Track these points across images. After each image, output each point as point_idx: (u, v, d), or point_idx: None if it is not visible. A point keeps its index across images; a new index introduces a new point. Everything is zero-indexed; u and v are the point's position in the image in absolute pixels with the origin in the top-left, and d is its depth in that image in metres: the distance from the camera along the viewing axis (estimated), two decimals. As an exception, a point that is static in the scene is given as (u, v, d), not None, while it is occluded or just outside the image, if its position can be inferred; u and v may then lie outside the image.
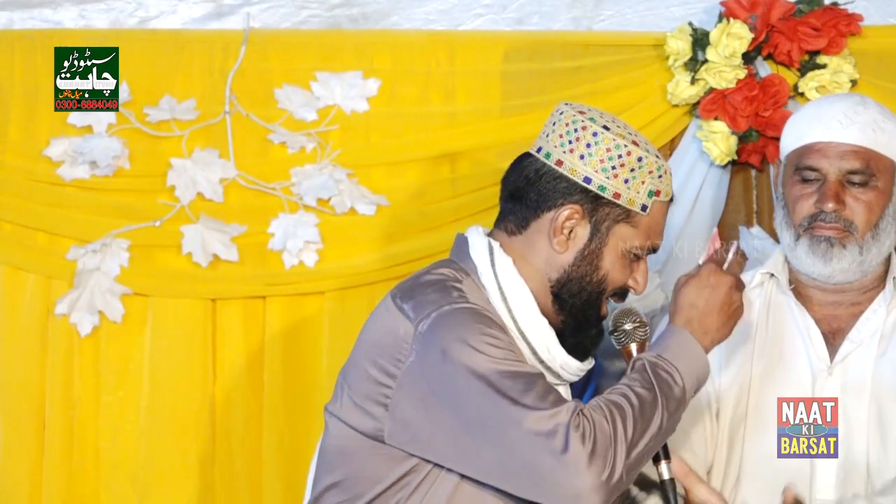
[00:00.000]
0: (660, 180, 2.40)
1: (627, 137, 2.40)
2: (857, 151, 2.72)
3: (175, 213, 3.30)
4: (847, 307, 2.79)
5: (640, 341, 2.43)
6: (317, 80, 3.35)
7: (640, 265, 2.44)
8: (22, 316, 3.30)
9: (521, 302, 2.39)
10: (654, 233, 2.43)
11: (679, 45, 3.34)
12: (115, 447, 3.28)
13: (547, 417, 2.20)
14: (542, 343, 2.40)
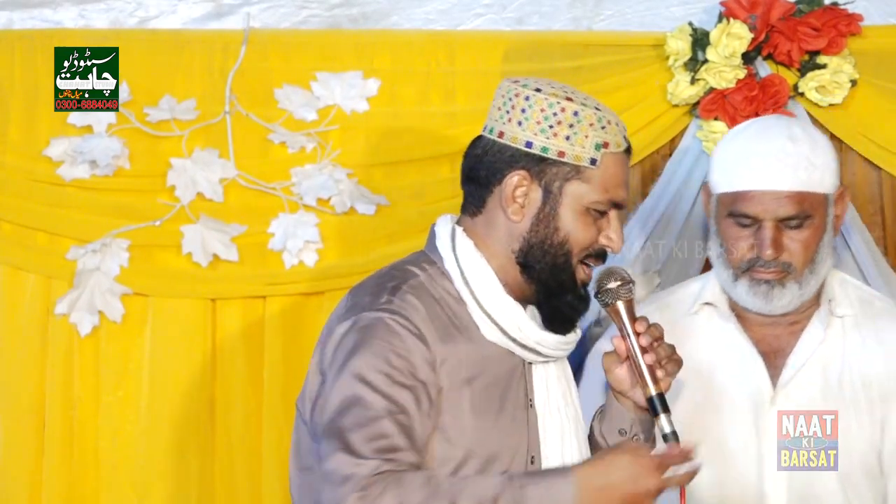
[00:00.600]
0: (604, 131, 2.38)
1: (560, 94, 2.39)
2: (791, 196, 2.73)
3: (175, 212, 3.30)
4: (786, 327, 2.83)
5: (626, 299, 2.40)
6: (317, 80, 3.35)
7: (608, 222, 2.41)
8: (22, 316, 3.29)
9: (484, 283, 2.39)
10: (611, 185, 2.39)
11: (679, 45, 3.33)
12: (115, 447, 3.28)
13: (350, 463, 2.23)
14: (512, 322, 2.39)
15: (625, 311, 2.40)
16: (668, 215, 3.37)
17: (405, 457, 2.25)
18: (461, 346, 2.36)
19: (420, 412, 2.29)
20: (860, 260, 3.33)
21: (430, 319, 2.35)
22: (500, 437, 2.37)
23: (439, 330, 2.35)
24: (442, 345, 2.34)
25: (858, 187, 3.39)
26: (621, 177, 2.41)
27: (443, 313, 2.38)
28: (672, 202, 3.37)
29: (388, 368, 2.29)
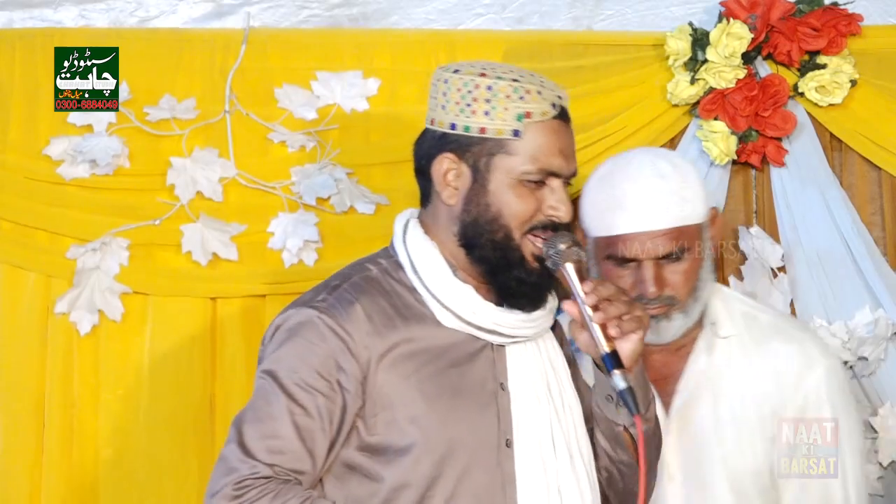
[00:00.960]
0: (523, 101, 2.37)
1: (475, 72, 2.39)
2: (666, 234, 2.73)
3: (175, 211, 3.29)
4: (673, 353, 2.85)
5: (574, 261, 2.36)
6: (317, 80, 3.35)
7: (550, 192, 2.39)
8: (22, 315, 3.28)
9: (432, 270, 2.40)
10: (542, 154, 2.37)
11: (679, 45, 3.33)
12: (115, 446, 3.27)
13: (238, 458, 2.29)
14: (464, 306, 2.39)
15: (573, 273, 2.35)
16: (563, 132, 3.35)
17: (290, 462, 2.31)
18: (409, 336, 2.37)
19: (325, 416, 2.32)
20: (859, 260, 3.33)
21: (370, 315, 2.36)
22: (460, 421, 2.36)
23: (382, 324, 2.36)
24: (381, 338, 2.35)
25: (858, 187, 3.40)
26: (554, 144, 2.38)
27: (390, 306, 2.39)
28: (672, 202, 3.36)
29: (300, 369, 2.34)
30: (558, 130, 2.40)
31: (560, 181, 2.39)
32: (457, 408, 2.37)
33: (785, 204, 3.38)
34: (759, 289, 3.34)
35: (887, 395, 3.33)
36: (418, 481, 2.34)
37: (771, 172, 3.39)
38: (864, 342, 3.30)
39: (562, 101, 2.41)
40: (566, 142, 2.41)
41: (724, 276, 3.38)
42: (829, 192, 3.35)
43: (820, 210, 3.36)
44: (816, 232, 3.36)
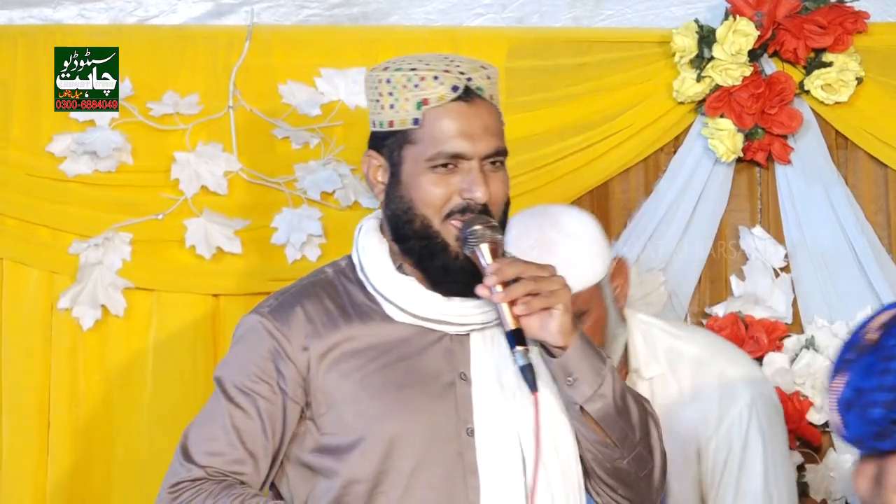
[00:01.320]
0: (419, 89, 2.35)
1: (379, 67, 2.41)
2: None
3: (178, 206, 3.28)
4: None
5: (490, 242, 2.33)
6: (321, 76, 3.33)
7: (463, 175, 2.35)
8: (25, 311, 3.27)
9: (375, 267, 2.41)
10: (442, 138, 2.33)
11: (685, 43, 3.31)
12: (120, 441, 3.26)
13: (179, 461, 2.38)
14: (409, 300, 2.39)
15: (487, 255, 2.32)
16: (671, 213, 3.35)
17: (228, 464, 2.35)
18: (351, 335, 2.38)
19: (266, 419, 2.37)
20: (863, 260, 3.32)
21: (311, 318, 2.39)
22: (407, 414, 2.36)
23: (323, 325, 2.38)
24: (321, 339, 2.37)
25: (863, 186, 3.38)
26: (453, 127, 2.34)
27: (336, 306, 2.41)
28: (676, 200, 3.35)
29: (241, 373, 2.39)
30: (461, 112, 2.34)
31: (473, 162, 2.35)
32: (403, 400, 2.36)
33: (790, 202, 3.36)
34: (760, 289, 3.33)
35: (889, 394, 3.31)
36: (367, 476, 2.34)
37: (776, 170, 3.37)
38: (865, 342, 3.28)
39: (470, 80, 2.35)
40: (472, 122, 2.35)
41: (726, 277, 3.38)
42: (834, 190, 3.34)
43: (824, 208, 3.34)
44: (820, 230, 3.34)
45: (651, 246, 3.35)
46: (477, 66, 2.40)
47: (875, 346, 1.80)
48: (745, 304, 3.33)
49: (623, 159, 3.37)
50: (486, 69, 2.41)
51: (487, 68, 2.42)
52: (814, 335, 3.30)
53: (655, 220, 3.35)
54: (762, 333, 3.30)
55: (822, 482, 3.29)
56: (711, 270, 3.38)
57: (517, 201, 3.27)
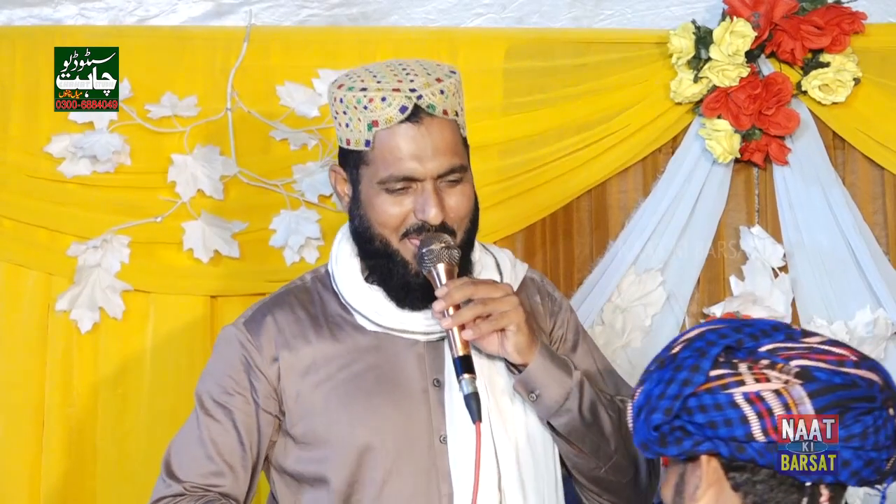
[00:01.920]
0: (368, 111, 2.32)
1: (335, 84, 2.39)
2: None
3: (176, 209, 3.27)
4: None
5: (446, 262, 2.32)
6: (319, 77, 3.32)
7: (417, 195, 2.32)
8: (22, 312, 3.26)
9: (343, 276, 2.42)
10: (392, 161, 2.30)
11: (682, 43, 3.31)
12: (115, 444, 3.25)
13: (161, 479, 2.46)
14: (373, 310, 2.39)
15: (443, 275, 2.31)
16: (669, 213, 3.35)
17: (207, 477, 2.39)
18: (321, 346, 2.39)
19: (243, 430, 2.39)
20: (861, 260, 3.31)
21: (282, 328, 2.41)
22: (377, 422, 2.36)
23: (293, 335, 2.40)
24: (291, 350, 2.39)
25: (860, 186, 3.38)
26: (402, 149, 2.31)
27: (309, 316, 2.42)
28: (674, 200, 3.34)
29: (216, 385, 2.43)
30: (410, 134, 2.31)
31: (427, 182, 2.32)
32: (373, 408, 2.37)
33: (787, 203, 3.36)
34: (760, 288, 3.33)
35: (888, 394, 3.31)
36: (339, 485, 2.35)
37: (774, 171, 3.37)
38: (863, 341, 3.28)
39: (420, 98, 2.31)
40: (421, 143, 2.31)
41: (725, 277, 3.37)
42: (832, 190, 3.33)
43: (822, 209, 3.33)
44: (818, 231, 3.34)
45: (650, 246, 3.34)
46: (431, 80, 2.34)
47: (672, 358, 1.87)
48: (744, 304, 3.32)
49: (621, 160, 3.37)
50: (441, 81, 2.35)
51: (444, 80, 2.35)
52: (812, 335, 3.29)
53: (654, 220, 3.34)
54: (761, 333, 3.29)
55: (820, 482, 3.28)
56: (710, 270, 3.37)
57: (515, 201, 3.31)
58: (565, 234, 3.37)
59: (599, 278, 3.34)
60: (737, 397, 1.81)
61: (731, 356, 1.85)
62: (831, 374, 1.83)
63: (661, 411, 1.84)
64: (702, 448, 1.83)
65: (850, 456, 1.83)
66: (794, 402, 1.82)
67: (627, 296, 3.33)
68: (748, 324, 1.90)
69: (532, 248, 3.35)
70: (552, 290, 2.59)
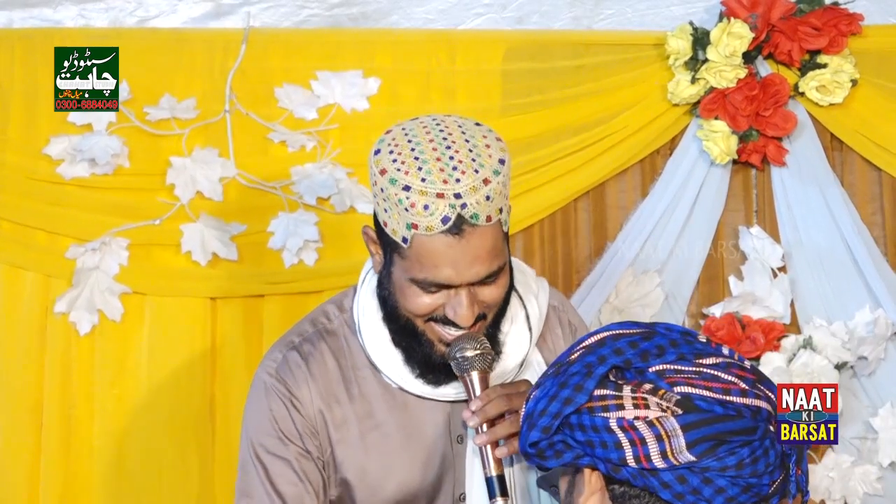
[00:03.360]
0: (408, 213, 2.18)
1: (377, 166, 2.22)
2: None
3: (175, 211, 3.25)
4: None
5: (481, 370, 2.23)
6: (317, 79, 3.30)
7: (450, 297, 2.23)
8: (21, 314, 3.24)
9: (371, 336, 2.35)
10: (428, 266, 2.20)
11: (680, 45, 3.29)
12: (113, 446, 3.23)
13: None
14: (394, 373, 2.33)
15: (477, 384, 2.24)
16: (667, 214, 3.33)
17: None
18: (355, 401, 2.35)
19: (305, 479, 2.33)
20: (860, 260, 3.30)
21: (317, 380, 2.35)
22: (406, 478, 2.33)
23: (327, 389, 2.35)
24: (325, 404, 2.35)
25: (858, 187, 3.37)
26: (439, 258, 2.19)
27: (338, 367, 2.37)
28: (672, 202, 3.33)
29: (268, 438, 2.35)
30: (450, 244, 2.19)
31: (462, 289, 2.23)
32: (401, 467, 2.33)
33: (786, 203, 3.34)
34: (759, 289, 3.31)
35: (887, 394, 3.30)
36: None
37: (771, 172, 3.35)
38: (863, 342, 3.27)
39: (464, 207, 2.17)
40: (460, 254, 2.19)
41: (724, 277, 3.36)
42: (830, 191, 3.32)
43: (820, 210, 3.32)
44: (817, 231, 3.32)
45: (647, 247, 3.33)
46: (478, 183, 2.19)
47: (565, 368, 1.87)
48: (743, 304, 3.30)
49: (619, 161, 3.35)
50: (488, 184, 2.20)
51: (492, 180, 2.21)
52: (811, 335, 3.28)
53: (652, 221, 3.33)
54: (759, 333, 3.27)
55: (820, 482, 3.26)
56: (710, 270, 3.36)
57: (513, 203, 3.24)
58: (564, 235, 3.35)
59: (598, 279, 3.32)
60: (612, 422, 1.81)
61: (618, 376, 1.84)
62: (712, 404, 1.82)
63: (538, 429, 1.85)
64: (583, 462, 1.84)
65: (726, 484, 1.82)
66: (667, 433, 1.80)
67: (625, 296, 3.31)
68: (647, 335, 1.88)
69: (531, 249, 3.33)
70: (572, 317, 2.52)
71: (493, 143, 2.24)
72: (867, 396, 3.31)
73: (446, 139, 2.22)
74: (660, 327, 1.90)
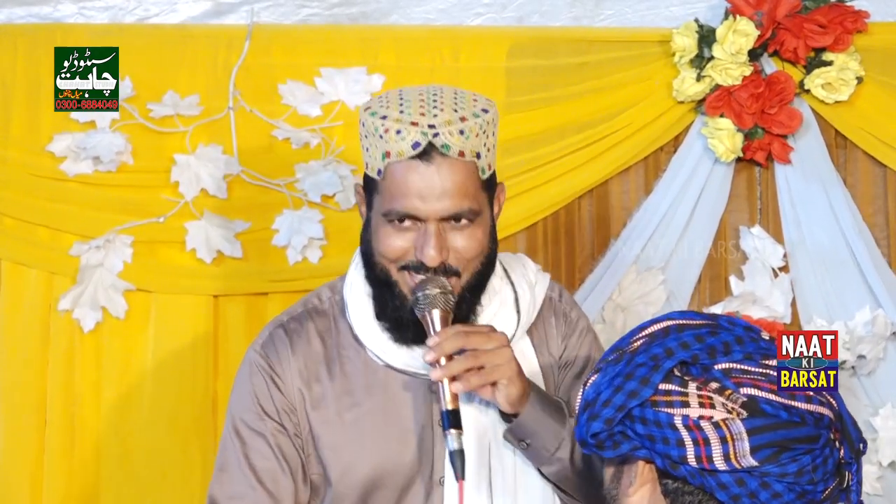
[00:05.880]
0: (383, 140, 2.20)
1: (364, 105, 2.30)
2: None
3: (179, 209, 3.21)
4: None
5: (442, 309, 2.21)
6: (321, 76, 3.25)
7: (420, 234, 2.22)
8: (24, 311, 3.19)
9: (357, 312, 2.34)
10: (397, 195, 2.20)
11: (685, 42, 3.24)
12: (117, 443, 3.18)
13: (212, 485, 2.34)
14: (378, 348, 2.31)
15: (437, 322, 2.21)
16: (671, 212, 3.29)
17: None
18: (338, 380, 2.33)
19: (280, 456, 2.31)
20: (861, 260, 3.25)
21: (300, 359, 2.34)
22: (384, 460, 2.30)
23: (309, 368, 2.33)
24: (305, 383, 2.33)
25: (861, 186, 3.33)
26: (408, 185, 2.19)
27: (324, 347, 2.35)
28: (676, 199, 3.28)
29: (247, 412, 2.34)
30: (418, 171, 2.19)
31: (430, 223, 2.21)
32: (378, 449, 2.30)
33: (789, 201, 3.29)
34: (759, 288, 3.27)
35: (887, 394, 3.27)
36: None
37: (775, 170, 3.31)
38: (862, 341, 3.23)
39: (436, 136, 2.18)
40: (428, 183, 2.19)
41: (726, 276, 3.31)
42: (833, 190, 3.27)
43: (823, 208, 3.28)
44: (819, 230, 3.28)
45: (651, 245, 3.29)
46: (454, 118, 2.20)
47: (629, 356, 1.81)
48: (744, 304, 3.26)
49: (623, 158, 3.30)
50: (465, 121, 2.21)
51: (469, 119, 2.22)
52: (812, 335, 3.24)
53: (655, 219, 3.28)
54: (760, 333, 3.23)
55: (822, 482, 3.23)
56: (711, 270, 3.32)
57: (517, 200, 3.25)
58: (567, 233, 3.32)
59: (601, 277, 3.28)
60: (677, 420, 1.76)
61: (683, 371, 1.79)
62: (778, 408, 1.77)
63: (602, 420, 1.78)
64: (639, 454, 1.79)
65: (783, 489, 1.77)
66: (732, 436, 1.75)
67: (628, 294, 3.27)
68: (713, 329, 1.82)
69: (534, 247, 3.29)
70: (569, 310, 2.47)
71: (480, 98, 2.28)
72: (867, 396, 3.27)
73: (434, 91, 2.27)
74: (723, 321, 1.85)
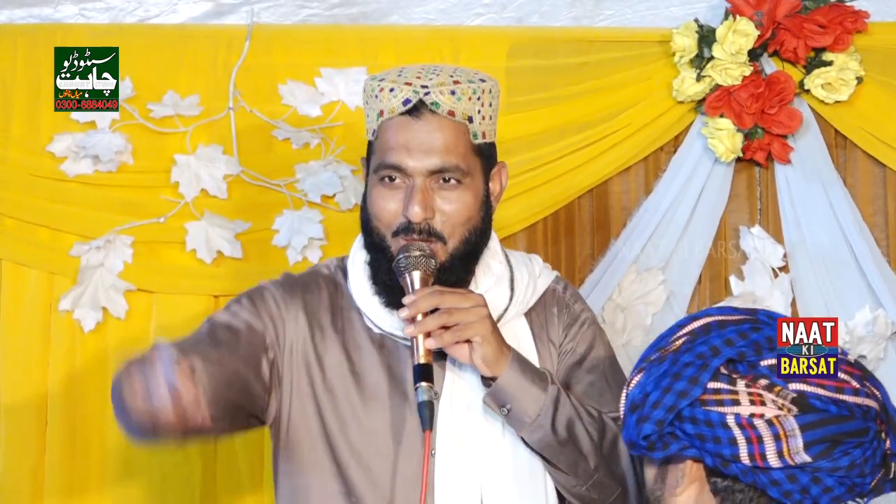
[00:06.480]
0: (377, 100, 2.30)
1: (369, 77, 2.38)
2: None
3: (179, 209, 3.20)
4: None
5: (423, 270, 2.25)
6: (321, 76, 3.24)
7: (406, 190, 2.27)
8: (25, 312, 3.18)
9: (355, 279, 2.37)
10: (386, 149, 2.28)
11: (685, 42, 3.23)
12: (118, 444, 3.15)
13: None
14: (373, 313, 2.34)
15: (417, 282, 2.25)
16: (671, 212, 3.28)
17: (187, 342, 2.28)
18: (336, 341, 2.35)
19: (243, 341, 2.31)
20: (861, 260, 3.24)
21: (310, 310, 2.37)
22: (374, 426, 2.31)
23: (315, 323, 2.36)
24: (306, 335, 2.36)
25: (861, 186, 3.32)
26: (395, 139, 2.27)
27: (330, 305, 2.38)
28: (676, 199, 3.27)
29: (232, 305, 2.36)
30: (406, 125, 2.27)
31: (417, 179, 2.27)
32: (369, 413, 2.32)
33: (789, 201, 3.28)
34: (759, 288, 3.26)
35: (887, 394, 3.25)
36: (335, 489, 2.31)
37: (775, 170, 3.30)
38: (862, 341, 3.22)
39: (427, 94, 2.25)
40: (415, 136, 2.27)
41: (726, 276, 3.30)
42: (833, 190, 3.26)
43: (823, 208, 3.26)
44: (819, 230, 3.27)
45: (651, 245, 3.28)
46: (448, 81, 2.28)
47: (673, 356, 1.80)
48: (743, 304, 3.25)
49: (623, 158, 3.29)
50: (458, 84, 2.28)
51: (463, 83, 2.28)
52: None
53: (655, 219, 3.27)
54: (760, 333, 3.23)
55: (821, 481, 3.23)
56: (711, 270, 3.31)
57: (517, 200, 3.24)
58: (567, 233, 3.31)
59: (601, 277, 3.27)
60: (729, 419, 1.76)
61: (731, 368, 1.78)
62: (827, 403, 1.77)
63: (653, 422, 1.79)
64: (688, 453, 1.79)
65: (833, 483, 1.78)
66: (786, 433, 1.75)
67: (628, 294, 3.27)
68: (755, 326, 1.83)
69: (534, 247, 3.28)
70: (573, 303, 2.48)
71: (481, 73, 2.34)
72: (868, 395, 3.27)
73: (438, 66, 2.36)
74: (762, 315, 1.86)
